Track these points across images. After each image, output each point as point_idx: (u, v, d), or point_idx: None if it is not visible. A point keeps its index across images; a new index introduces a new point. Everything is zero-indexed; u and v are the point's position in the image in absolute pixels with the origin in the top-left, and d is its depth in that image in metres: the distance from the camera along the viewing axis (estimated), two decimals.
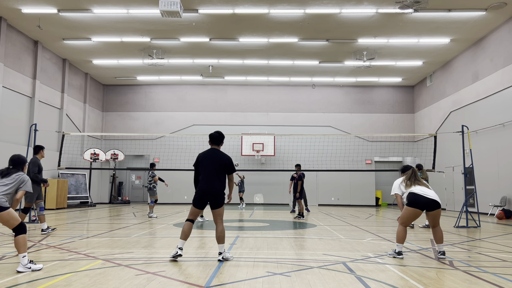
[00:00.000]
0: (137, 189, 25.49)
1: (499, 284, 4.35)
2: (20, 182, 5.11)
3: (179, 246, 5.51)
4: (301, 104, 23.63)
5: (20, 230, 4.89)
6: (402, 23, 14.78)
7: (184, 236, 5.57)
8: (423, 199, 5.75)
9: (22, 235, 4.87)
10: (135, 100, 23.92)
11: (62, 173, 18.68)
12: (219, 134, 5.99)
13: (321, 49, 17.63)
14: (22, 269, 4.73)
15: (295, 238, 8.03)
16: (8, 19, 14.92)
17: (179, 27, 15.37)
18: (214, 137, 5.97)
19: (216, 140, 5.97)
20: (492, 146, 15.43)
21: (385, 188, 24.45)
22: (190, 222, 5.66)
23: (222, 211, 5.64)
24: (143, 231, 9.01)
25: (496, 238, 8.44)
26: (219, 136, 5.98)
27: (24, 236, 4.88)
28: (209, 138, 6.00)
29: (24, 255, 4.77)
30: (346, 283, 4.33)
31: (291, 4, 13.47)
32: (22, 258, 4.76)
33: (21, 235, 4.86)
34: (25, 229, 4.93)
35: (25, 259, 4.77)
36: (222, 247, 5.58)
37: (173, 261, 5.45)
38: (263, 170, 14.22)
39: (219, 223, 5.63)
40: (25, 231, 4.91)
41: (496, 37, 15.26)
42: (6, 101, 15.12)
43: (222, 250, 5.56)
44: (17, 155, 5.41)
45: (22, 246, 4.82)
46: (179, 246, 5.51)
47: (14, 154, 5.44)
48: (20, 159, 5.36)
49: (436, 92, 20.55)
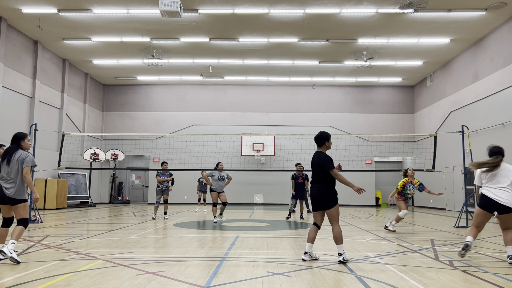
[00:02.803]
0: (137, 189, 25.50)
1: (499, 284, 4.35)
2: (21, 162, 5.48)
3: (305, 250, 5.65)
4: (301, 104, 23.63)
5: (24, 223, 5.45)
6: (402, 23, 14.78)
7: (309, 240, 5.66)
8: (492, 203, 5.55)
9: (23, 227, 5.41)
10: (135, 100, 23.92)
11: (62, 173, 18.68)
12: (320, 135, 5.87)
13: (321, 49, 17.63)
14: (6, 251, 5.12)
15: (295, 238, 8.03)
16: (8, 19, 14.92)
17: (179, 27, 15.37)
18: (315, 139, 5.92)
19: (315, 141, 5.91)
20: None
21: (385, 188, 24.46)
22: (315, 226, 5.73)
23: (334, 213, 5.56)
24: (143, 231, 9.01)
25: (496, 238, 8.44)
26: (319, 137, 5.87)
27: (23, 229, 5.41)
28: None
29: (14, 241, 5.25)
30: (346, 283, 4.33)
31: (291, 4, 13.47)
32: (11, 243, 5.22)
33: (22, 226, 5.41)
34: (27, 224, 5.49)
35: (13, 245, 5.23)
36: (340, 247, 5.51)
37: (174, 261, 5.44)
38: (263, 170, 14.20)
39: (334, 224, 5.57)
40: (26, 226, 5.48)
41: (496, 37, 15.26)
42: (6, 101, 15.12)
43: (341, 251, 5.50)
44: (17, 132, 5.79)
45: (18, 235, 5.34)
46: (304, 251, 5.66)
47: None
48: (16, 136, 5.69)
49: (436, 92, 20.55)
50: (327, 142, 5.83)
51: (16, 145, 5.61)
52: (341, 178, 5.51)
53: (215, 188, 11.45)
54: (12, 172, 5.43)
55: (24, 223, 5.43)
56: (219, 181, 11.50)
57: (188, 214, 14.69)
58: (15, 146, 5.60)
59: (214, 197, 11.46)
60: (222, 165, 11.65)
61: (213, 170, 11.67)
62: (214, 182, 11.49)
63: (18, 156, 5.48)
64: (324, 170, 5.59)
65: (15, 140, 5.64)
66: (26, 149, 5.68)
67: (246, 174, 22.27)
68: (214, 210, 11.51)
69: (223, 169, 11.68)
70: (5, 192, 5.37)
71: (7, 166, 5.47)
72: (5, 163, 5.49)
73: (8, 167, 5.46)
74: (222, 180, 11.55)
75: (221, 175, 11.56)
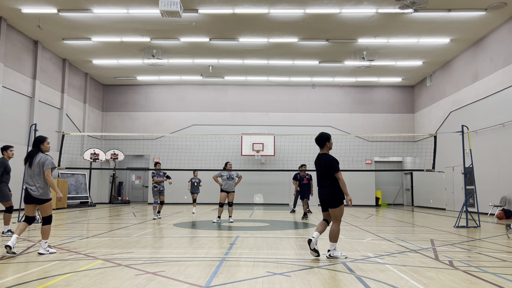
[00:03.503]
0: (137, 189, 25.50)
1: (499, 284, 4.35)
2: (41, 165, 5.89)
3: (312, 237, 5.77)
4: (301, 104, 23.63)
5: (49, 220, 5.98)
6: (402, 23, 14.77)
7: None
8: None
9: (49, 225, 5.93)
10: (135, 100, 23.92)
11: (62, 173, 18.68)
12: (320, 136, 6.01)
13: (321, 49, 17.63)
14: (43, 251, 5.77)
15: (295, 238, 8.03)
16: (8, 19, 14.91)
17: (179, 27, 15.37)
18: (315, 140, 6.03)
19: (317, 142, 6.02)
20: (492, 146, 15.43)
21: (385, 188, 24.47)
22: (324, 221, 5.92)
23: (338, 212, 5.77)
24: (143, 231, 9.01)
25: (496, 238, 8.44)
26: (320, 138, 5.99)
27: (49, 227, 5.93)
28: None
29: (46, 241, 5.83)
30: (346, 283, 4.33)
31: (291, 4, 13.47)
32: (44, 243, 5.82)
33: (48, 225, 5.92)
34: (51, 220, 6.02)
35: (46, 244, 5.84)
36: (332, 245, 5.74)
37: (174, 261, 5.45)
38: (263, 170, 14.20)
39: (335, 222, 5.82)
40: (51, 222, 6.00)
41: (496, 37, 15.26)
42: (6, 101, 15.12)
43: (331, 248, 5.74)
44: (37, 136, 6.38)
45: (46, 233, 5.87)
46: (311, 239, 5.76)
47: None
48: (36, 139, 6.09)
49: (436, 92, 20.54)
50: (328, 143, 5.96)
51: (37, 149, 6.03)
52: (343, 183, 5.73)
53: (225, 188, 11.45)
54: (34, 175, 5.87)
55: (49, 220, 5.99)
56: (229, 180, 11.47)
57: (188, 214, 14.69)
58: (35, 149, 6.02)
59: (222, 197, 11.45)
60: (231, 164, 11.59)
61: (221, 170, 11.66)
62: (224, 182, 11.51)
63: (39, 159, 5.92)
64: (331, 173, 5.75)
65: (36, 143, 6.05)
66: (46, 151, 6.09)
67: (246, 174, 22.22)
68: (220, 211, 11.49)
69: (231, 169, 11.60)
70: (31, 193, 5.85)
71: (29, 169, 5.92)
72: (28, 166, 5.95)
73: (30, 170, 5.91)
74: (231, 179, 11.55)
75: (229, 174, 11.54)
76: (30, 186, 5.85)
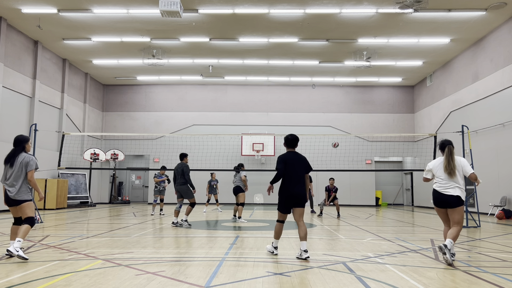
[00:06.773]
0: (137, 189, 25.49)
1: (499, 284, 4.35)
2: (24, 165, 5.67)
3: (275, 245, 6.08)
4: (301, 104, 23.63)
5: (30, 221, 5.62)
6: (402, 23, 14.77)
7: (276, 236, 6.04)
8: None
9: (29, 225, 5.56)
10: (135, 100, 23.92)
11: (62, 173, 18.68)
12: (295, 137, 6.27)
13: (321, 49, 17.63)
14: (12, 250, 5.25)
15: (295, 238, 8.03)
16: (8, 19, 14.92)
17: (179, 27, 15.37)
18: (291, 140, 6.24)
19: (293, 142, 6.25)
20: (492, 146, 15.43)
21: (385, 188, 24.47)
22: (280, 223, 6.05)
23: (303, 210, 6.02)
24: (143, 231, 9.01)
25: (496, 238, 8.44)
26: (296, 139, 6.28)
27: (29, 227, 5.55)
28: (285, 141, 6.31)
29: (20, 239, 5.36)
30: (346, 283, 4.33)
31: (291, 4, 13.47)
32: (17, 241, 5.33)
33: (28, 225, 5.56)
34: (33, 223, 5.67)
35: (19, 243, 5.33)
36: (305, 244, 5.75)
37: (174, 261, 5.45)
38: (263, 170, 14.21)
39: (302, 221, 5.93)
40: (33, 224, 5.64)
41: (496, 37, 15.26)
42: (6, 101, 15.12)
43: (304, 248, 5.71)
44: (18, 135, 5.94)
45: (24, 233, 5.46)
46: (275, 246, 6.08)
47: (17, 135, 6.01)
48: (20, 139, 5.85)
49: (436, 92, 20.54)
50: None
51: (21, 148, 5.84)
52: (307, 181, 6.15)
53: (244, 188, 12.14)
54: (14, 174, 5.65)
55: (30, 222, 5.63)
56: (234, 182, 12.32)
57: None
58: (20, 148, 5.82)
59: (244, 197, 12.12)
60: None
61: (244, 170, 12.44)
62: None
63: (22, 159, 5.72)
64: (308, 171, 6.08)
65: (21, 143, 5.84)
66: (28, 151, 5.94)
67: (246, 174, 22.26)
68: (241, 210, 11.92)
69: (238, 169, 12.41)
70: (9, 194, 5.62)
71: (10, 169, 5.71)
72: (8, 166, 5.73)
73: (11, 169, 5.69)
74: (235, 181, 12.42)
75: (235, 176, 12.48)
76: (8, 188, 5.61)
